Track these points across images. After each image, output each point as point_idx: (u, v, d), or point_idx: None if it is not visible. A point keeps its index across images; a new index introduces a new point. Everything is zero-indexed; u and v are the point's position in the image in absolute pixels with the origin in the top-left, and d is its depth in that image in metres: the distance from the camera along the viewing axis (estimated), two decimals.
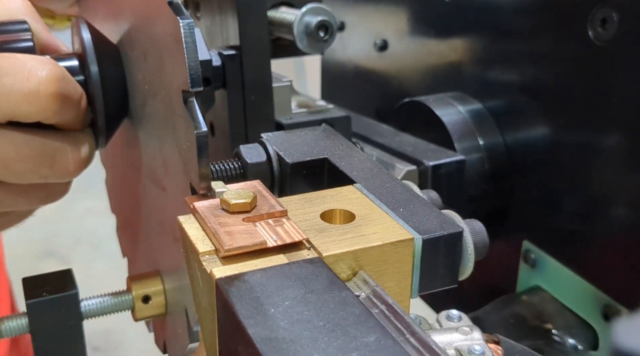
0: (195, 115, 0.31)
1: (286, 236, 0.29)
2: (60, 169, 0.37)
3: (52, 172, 0.37)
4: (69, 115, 0.37)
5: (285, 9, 0.54)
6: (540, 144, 0.47)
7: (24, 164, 0.36)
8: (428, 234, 0.30)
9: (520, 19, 0.47)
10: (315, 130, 0.41)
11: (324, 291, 0.26)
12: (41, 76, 0.35)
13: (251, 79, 0.47)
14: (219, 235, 0.28)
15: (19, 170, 0.36)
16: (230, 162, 0.38)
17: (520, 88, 0.48)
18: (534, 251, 0.48)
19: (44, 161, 0.37)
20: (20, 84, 0.34)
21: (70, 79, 0.37)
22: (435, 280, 0.31)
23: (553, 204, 0.47)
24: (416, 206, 0.32)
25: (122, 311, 0.42)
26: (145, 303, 0.42)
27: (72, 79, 0.38)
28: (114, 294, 0.42)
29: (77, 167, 0.38)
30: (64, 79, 0.36)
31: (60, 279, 0.40)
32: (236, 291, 0.26)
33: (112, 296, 0.42)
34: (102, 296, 0.42)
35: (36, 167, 0.36)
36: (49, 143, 0.37)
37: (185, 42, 0.31)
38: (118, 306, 0.42)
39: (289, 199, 0.33)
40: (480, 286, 0.55)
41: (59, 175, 0.38)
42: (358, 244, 0.29)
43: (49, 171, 0.37)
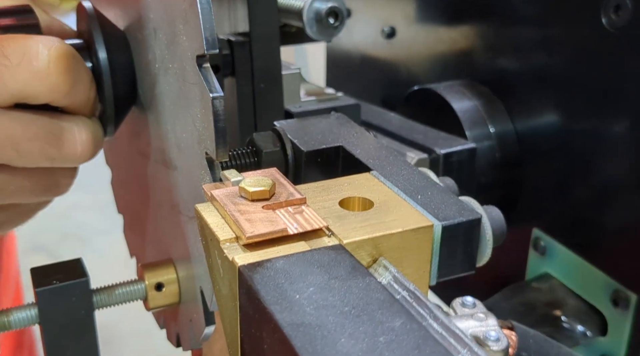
0: (211, 80, 0.31)
1: (306, 224, 0.29)
2: (68, 149, 0.37)
3: (59, 154, 0.37)
4: (79, 97, 0.37)
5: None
6: (551, 131, 0.47)
7: (31, 144, 0.36)
8: (447, 221, 0.30)
9: (532, 5, 0.47)
10: (328, 118, 0.41)
11: (347, 277, 0.26)
12: (50, 54, 0.34)
13: (261, 67, 0.47)
14: (239, 222, 0.28)
15: (26, 150, 0.36)
16: (244, 150, 0.37)
17: (531, 75, 0.48)
18: (543, 239, 0.48)
19: (52, 141, 0.36)
20: (28, 62, 0.34)
21: (79, 59, 0.37)
22: (453, 266, 0.31)
23: (563, 191, 0.47)
24: (434, 193, 0.32)
25: (134, 300, 0.42)
26: (158, 291, 0.42)
27: (81, 60, 0.37)
28: (126, 283, 0.42)
29: (84, 149, 0.38)
30: (73, 57, 0.36)
31: (71, 267, 0.40)
32: (260, 278, 0.26)
33: (124, 285, 0.42)
34: (114, 285, 0.41)
35: (43, 147, 0.36)
36: (56, 123, 0.37)
37: (199, 2, 0.30)
38: (130, 295, 0.42)
39: (306, 187, 0.33)
40: (490, 274, 0.56)
41: (66, 157, 0.37)
42: (378, 231, 0.29)
43: (56, 152, 0.36)
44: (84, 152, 0.38)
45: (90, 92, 0.38)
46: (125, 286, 0.42)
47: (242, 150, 0.38)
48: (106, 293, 0.41)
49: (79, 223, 2.51)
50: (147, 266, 0.43)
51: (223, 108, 0.31)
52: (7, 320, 0.39)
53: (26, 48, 0.34)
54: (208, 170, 0.33)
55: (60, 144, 0.37)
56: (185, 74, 0.33)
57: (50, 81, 0.35)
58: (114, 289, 0.41)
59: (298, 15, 0.50)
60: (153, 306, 0.42)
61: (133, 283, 0.42)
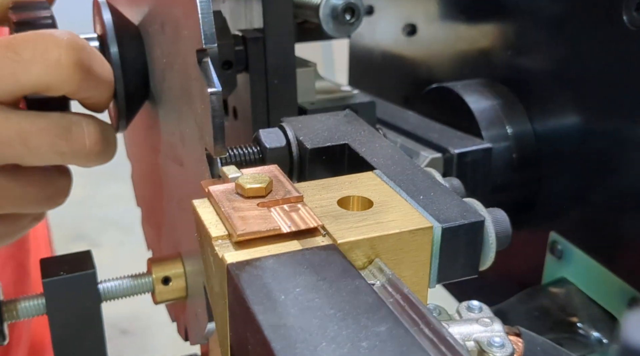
0: (210, 74, 0.31)
1: (301, 222, 0.28)
2: (77, 144, 0.37)
3: (69, 148, 0.37)
4: (94, 90, 0.37)
5: None
6: (571, 132, 0.46)
7: (40, 138, 0.36)
8: (448, 223, 0.29)
9: (552, 3, 0.45)
10: (337, 115, 0.40)
11: (336, 278, 0.25)
12: (61, 46, 0.34)
13: (274, 63, 0.47)
14: (232, 220, 0.28)
15: (36, 145, 0.36)
16: (249, 146, 0.37)
17: (551, 75, 0.46)
18: (560, 243, 0.47)
19: (61, 134, 0.36)
20: (40, 55, 0.34)
21: (94, 52, 0.37)
22: (454, 270, 0.30)
23: (582, 194, 0.45)
24: (437, 193, 0.32)
25: (141, 293, 0.42)
26: (165, 285, 0.42)
27: (96, 53, 0.37)
28: (133, 276, 0.42)
29: (92, 144, 0.38)
30: (85, 49, 0.36)
31: (79, 259, 0.40)
32: (247, 276, 0.25)
33: (131, 278, 0.42)
34: (121, 277, 0.42)
35: (53, 141, 0.36)
36: (65, 116, 0.37)
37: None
38: (137, 288, 0.42)
39: (307, 185, 0.32)
40: (506, 277, 0.54)
41: (76, 151, 0.37)
42: (374, 232, 0.29)
43: (65, 145, 0.37)
44: (92, 147, 0.38)
45: (106, 85, 0.38)
46: (133, 279, 0.42)
47: (248, 146, 0.37)
48: (113, 286, 0.41)
49: (120, 213, 2.54)
50: (155, 260, 0.43)
51: (221, 104, 0.30)
52: (15, 309, 0.39)
53: (37, 42, 0.34)
54: (208, 166, 0.33)
55: (69, 137, 0.37)
56: (187, 68, 0.33)
57: (62, 73, 0.35)
58: (122, 282, 0.41)
59: (315, 12, 0.50)
60: (160, 300, 0.42)
61: (141, 276, 0.42)
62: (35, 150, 0.36)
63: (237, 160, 0.36)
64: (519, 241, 0.52)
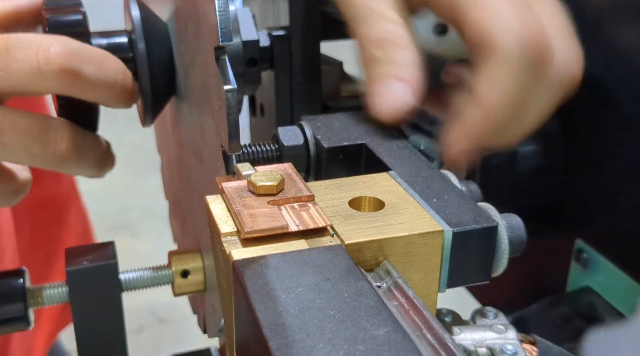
0: (226, 72, 0.31)
1: (310, 221, 0.29)
2: (49, 148, 0.38)
3: (40, 150, 0.38)
4: (93, 92, 0.38)
5: None
6: (601, 136, 0.44)
7: (16, 137, 0.37)
8: (459, 227, 0.29)
9: (585, 5, 0.44)
10: (357, 114, 0.40)
11: (339, 280, 0.25)
12: (51, 50, 0.35)
13: (299, 61, 0.47)
14: (241, 217, 0.28)
15: (10, 143, 0.37)
16: (267, 144, 0.37)
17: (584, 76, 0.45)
18: (586, 251, 0.46)
19: (36, 136, 0.37)
20: (30, 57, 0.35)
21: (89, 56, 0.38)
22: (465, 275, 0.30)
23: (611, 202, 0.44)
24: (451, 197, 0.31)
25: (161, 285, 0.43)
26: (184, 278, 0.43)
27: (95, 57, 0.38)
28: (154, 268, 0.43)
29: (64, 150, 0.38)
30: (77, 54, 0.37)
31: (102, 250, 0.41)
32: (251, 274, 0.25)
33: (152, 269, 0.42)
34: (142, 269, 0.42)
35: (27, 142, 0.37)
36: (45, 119, 0.38)
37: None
38: (157, 279, 0.42)
39: (320, 184, 0.32)
40: (531, 283, 0.53)
41: (46, 155, 0.38)
42: (383, 234, 0.28)
43: (38, 148, 0.37)
44: (62, 153, 0.39)
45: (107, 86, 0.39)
46: (153, 271, 0.42)
47: (266, 144, 0.37)
48: (134, 277, 0.42)
49: (161, 204, 2.58)
50: (175, 253, 0.43)
51: (237, 101, 0.31)
52: (40, 295, 0.40)
53: (29, 45, 0.36)
54: (223, 162, 0.33)
55: (43, 140, 0.38)
56: (206, 65, 0.34)
57: (50, 76, 0.36)
58: (142, 273, 0.42)
59: None
60: (179, 292, 0.43)
61: (161, 268, 0.43)
62: (9, 147, 0.37)
63: (255, 157, 0.37)
64: (545, 247, 0.51)
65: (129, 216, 2.65)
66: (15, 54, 0.36)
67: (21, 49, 0.36)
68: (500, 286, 0.57)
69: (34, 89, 0.37)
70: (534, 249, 0.52)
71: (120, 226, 2.56)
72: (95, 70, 0.38)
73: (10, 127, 0.37)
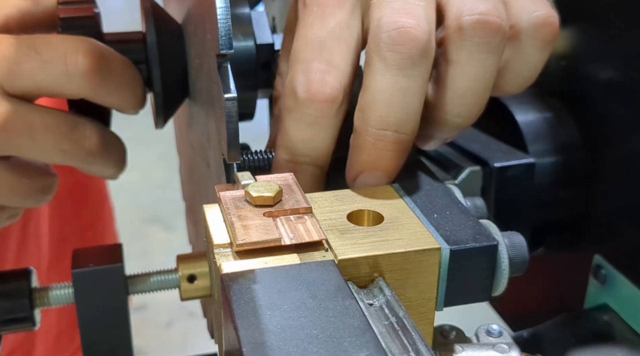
0: (227, 80, 0.31)
1: (305, 235, 0.28)
2: (78, 143, 0.38)
3: (70, 146, 0.38)
4: (114, 96, 0.38)
5: None
6: (625, 151, 0.43)
7: (46, 133, 0.37)
8: (457, 245, 0.28)
9: (611, 12, 0.43)
10: None
11: (327, 297, 0.25)
12: (79, 51, 0.36)
13: None
14: (234, 228, 0.28)
15: (41, 139, 0.37)
16: (270, 152, 0.37)
17: (609, 88, 0.44)
18: (605, 267, 0.44)
19: (66, 133, 0.38)
20: (58, 58, 0.36)
21: (114, 59, 0.38)
22: (464, 294, 0.29)
23: (632, 217, 0.43)
24: (453, 213, 0.30)
25: (168, 289, 0.43)
26: (190, 283, 0.42)
27: (118, 60, 0.38)
28: (160, 272, 0.43)
29: (93, 146, 0.39)
30: (104, 56, 0.37)
31: (109, 253, 0.41)
32: (238, 288, 0.25)
33: (158, 273, 0.42)
34: (148, 273, 0.42)
35: (57, 138, 0.37)
36: (71, 116, 0.39)
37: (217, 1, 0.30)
38: (164, 283, 0.42)
39: (321, 195, 0.32)
40: (549, 298, 0.52)
41: (76, 151, 0.38)
42: (378, 250, 0.28)
43: (68, 144, 0.38)
44: (91, 149, 0.39)
45: (128, 91, 0.39)
46: (160, 274, 0.42)
47: (268, 152, 0.37)
48: (140, 280, 0.42)
49: None
50: (183, 257, 0.43)
51: (236, 110, 0.30)
52: (47, 296, 0.40)
53: (58, 47, 0.36)
54: (224, 170, 0.33)
55: (72, 137, 0.38)
56: (210, 72, 0.33)
57: (78, 78, 0.36)
58: (148, 277, 0.42)
59: None
60: (185, 297, 0.43)
61: (167, 272, 0.42)
62: (40, 144, 0.37)
63: (257, 165, 0.36)
64: (564, 261, 0.50)
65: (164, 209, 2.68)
66: (43, 55, 0.36)
67: (49, 50, 0.37)
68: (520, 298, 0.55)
69: (60, 91, 0.38)
70: (553, 264, 0.51)
71: (154, 219, 2.59)
72: (119, 76, 0.39)
73: (41, 124, 0.38)
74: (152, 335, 1.98)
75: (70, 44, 0.36)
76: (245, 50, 0.43)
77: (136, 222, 2.53)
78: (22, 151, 0.38)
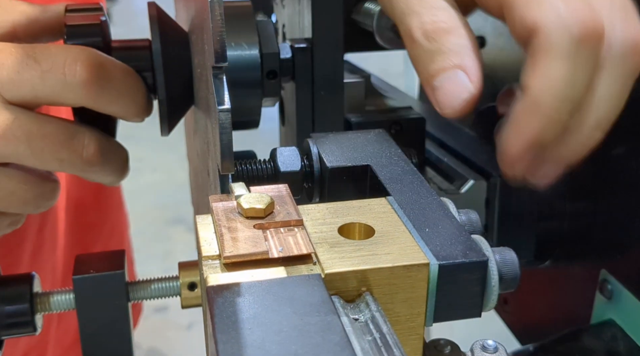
0: (221, 91, 0.31)
1: (294, 248, 0.28)
2: (76, 152, 0.38)
3: (68, 155, 0.38)
4: (115, 105, 0.38)
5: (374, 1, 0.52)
6: (633, 162, 0.42)
7: (45, 141, 0.38)
8: (446, 260, 0.28)
9: None
10: (367, 133, 0.39)
11: (309, 313, 0.25)
12: (78, 61, 0.36)
13: (321, 74, 0.46)
14: (223, 240, 0.28)
15: (40, 147, 0.38)
16: (265, 162, 0.37)
17: None
18: (611, 282, 0.43)
19: (64, 141, 0.38)
20: (57, 68, 0.36)
21: (114, 69, 0.38)
22: (454, 310, 0.29)
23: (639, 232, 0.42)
24: (445, 227, 0.30)
25: (168, 296, 0.43)
26: (191, 291, 0.42)
27: (118, 70, 0.39)
28: (161, 279, 0.43)
29: (90, 155, 0.39)
30: (104, 66, 0.37)
31: (111, 259, 0.42)
32: (222, 302, 0.25)
33: (159, 280, 0.43)
34: (149, 280, 0.42)
35: (55, 146, 0.38)
36: (70, 125, 0.39)
37: (211, 14, 0.30)
38: (165, 291, 0.42)
39: (313, 208, 0.32)
40: (555, 312, 0.51)
41: (74, 159, 0.39)
42: (366, 264, 0.27)
43: (66, 153, 0.38)
44: (88, 158, 0.40)
45: (128, 100, 0.39)
46: (160, 282, 0.43)
47: (264, 162, 0.37)
48: (141, 287, 0.42)
49: None
50: (184, 265, 0.43)
51: (230, 122, 0.30)
52: (48, 301, 0.41)
53: (57, 57, 0.36)
54: (218, 181, 0.33)
55: (70, 145, 0.38)
56: (208, 82, 0.33)
57: (77, 88, 0.36)
58: (149, 283, 0.42)
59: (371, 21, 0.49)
60: (185, 305, 0.43)
61: (168, 279, 0.43)
62: (38, 152, 0.38)
63: (252, 175, 0.36)
64: (570, 275, 0.49)
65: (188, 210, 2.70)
66: (42, 65, 0.37)
67: (48, 59, 0.37)
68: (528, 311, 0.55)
69: (59, 100, 0.38)
70: (561, 277, 0.50)
71: (177, 220, 2.61)
72: (119, 85, 0.39)
73: (39, 132, 0.38)
74: (173, 336, 2.00)
75: (70, 53, 0.37)
76: (249, 59, 0.43)
77: (160, 223, 2.55)
78: (20, 158, 0.38)
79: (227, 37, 0.41)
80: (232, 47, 0.42)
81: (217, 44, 0.30)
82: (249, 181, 0.36)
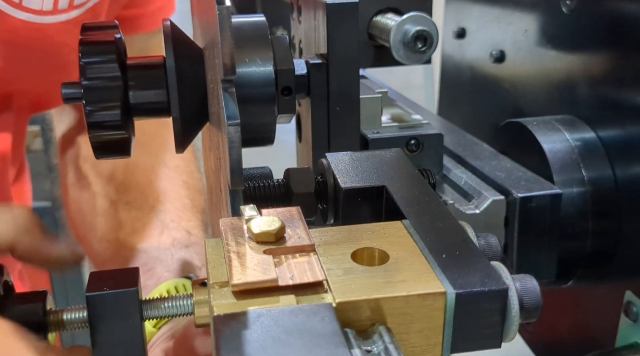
0: (230, 105, 0.30)
1: (304, 275, 0.27)
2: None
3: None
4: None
5: (390, 16, 0.51)
6: None
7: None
8: (464, 289, 0.27)
9: None
10: (383, 153, 0.38)
11: (318, 345, 0.24)
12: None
13: (337, 90, 0.45)
14: (231, 267, 0.27)
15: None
16: (279, 183, 0.36)
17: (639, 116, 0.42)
18: (636, 304, 0.42)
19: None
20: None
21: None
22: (472, 341, 0.28)
23: None
24: (463, 253, 0.29)
25: (182, 315, 0.42)
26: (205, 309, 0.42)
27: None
28: (175, 297, 0.42)
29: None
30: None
31: (125, 276, 0.41)
32: (228, 332, 0.24)
33: (173, 298, 0.42)
34: (163, 298, 0.42)
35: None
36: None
37: (220, 26, 0.30)
38: (178, 309, 0.42)
39: (326, 231, 0.31)
40: (578, 333, 0.50)
41: None
42: (379, 293, 0.27)
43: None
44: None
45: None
46: (174, 300, 0.42)
47: (277, 181, 0.36)
48: (155, 305, 0.41)
49: None
50: (199, 282, 0.43)
51: (239, 136, 0.30)
52: (61, 319, 0.40)
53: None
54: (229, 199, 0.32)
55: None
56: (219, 97, 0.33)
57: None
58: (163, 301, 0.42)
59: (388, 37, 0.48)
60: (199, 324, 0.42)
61: (182, 298, 0.42)
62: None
63: (265, 194, 0.36)
64: (593, 296, 0.48)
65: None
66: None
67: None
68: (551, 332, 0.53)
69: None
70: (584, 297, 0.49)
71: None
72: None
73: None
74: None
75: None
76: (264, 75, 0.43)
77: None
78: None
79: (242, 53, 0.40)
80: (246, 63, 0.41)
81: (227, 56, 0.29)
82: (262, 200, 0.35)
